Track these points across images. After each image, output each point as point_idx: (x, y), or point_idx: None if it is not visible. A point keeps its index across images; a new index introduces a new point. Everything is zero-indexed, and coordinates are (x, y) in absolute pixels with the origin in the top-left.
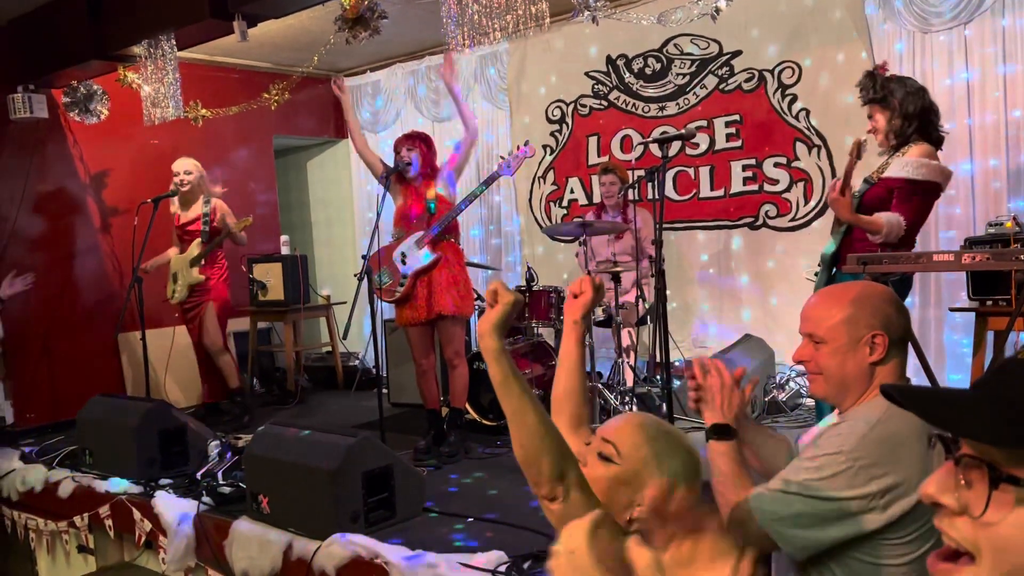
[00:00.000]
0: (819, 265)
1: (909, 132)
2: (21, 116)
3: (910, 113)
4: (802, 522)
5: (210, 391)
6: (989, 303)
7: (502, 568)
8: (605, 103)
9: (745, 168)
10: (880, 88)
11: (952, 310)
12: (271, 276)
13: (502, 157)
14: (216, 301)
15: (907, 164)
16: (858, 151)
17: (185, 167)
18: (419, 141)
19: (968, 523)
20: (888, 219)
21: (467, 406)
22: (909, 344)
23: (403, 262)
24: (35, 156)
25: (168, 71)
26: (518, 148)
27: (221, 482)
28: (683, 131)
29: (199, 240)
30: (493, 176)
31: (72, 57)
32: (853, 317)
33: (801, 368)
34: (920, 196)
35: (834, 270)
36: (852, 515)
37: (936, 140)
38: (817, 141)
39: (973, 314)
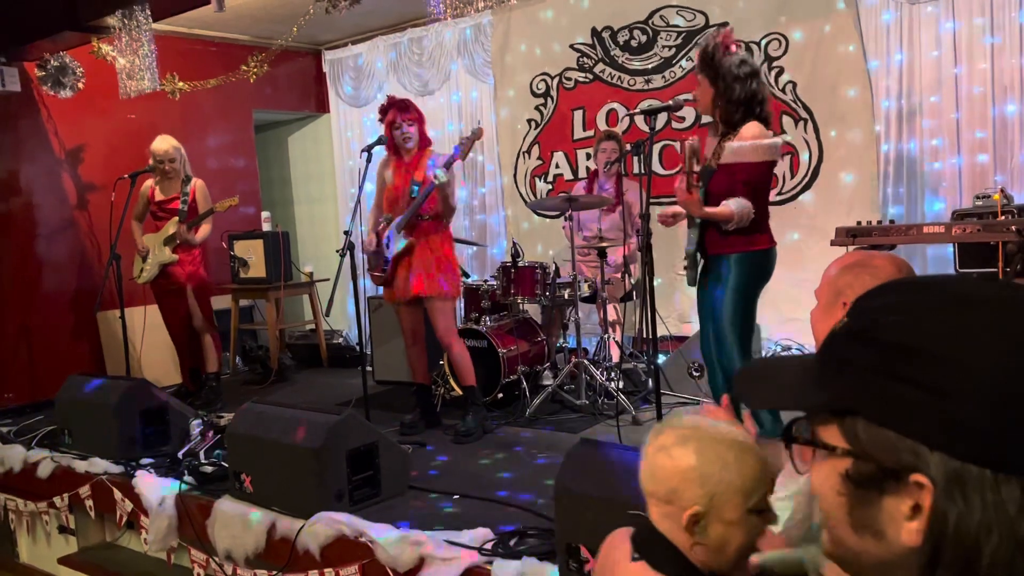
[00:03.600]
0: (684, 261)
1: (736, 118)
2: None
3: (735, 99)
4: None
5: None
6: (976, 275)
7: (488, 545)
8: (590, 76)
9: None
10: (712, 64)
11: None
12: (253, 253)
13: (461, 139)
14: (192, 282)
15: (743, 148)
16: (694, 156)
17: (168, 154)
18: (414, 112)
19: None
20: (737, 207)
21: (452, 383)
22: None
23: (388, 246)
24: (7, 131)
25: (143, 43)
26: (464, 137)
27: (203, 461)
28: (670, 102)
29: (175, 219)
30: (450, 161)
31: (44, 28)
32: (835, 280)
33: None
34: (760, 175)
35: (701, 261)
36: None
37: (764, 119)
38: (804, 114)
39: None
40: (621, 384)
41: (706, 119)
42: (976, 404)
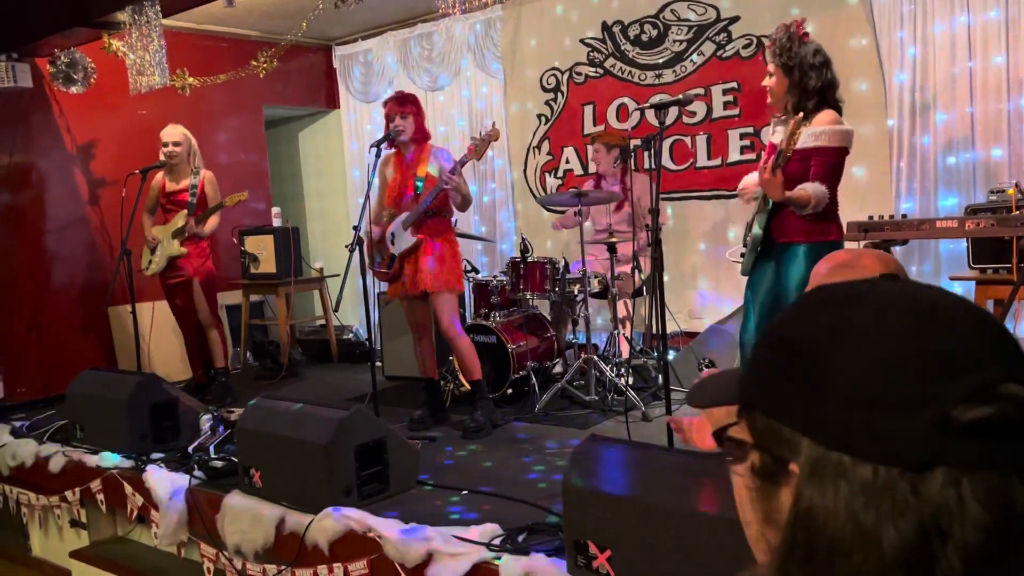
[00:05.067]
0: (744, 246)
1: (810, 106)
2: (5, 86)
3: (812, 88)
4: None
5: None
6: (990, 272)
7: (497, 541)
8: (601, 71)
9: (743, 137)
10: (789, 54)
11: (952, 279)
12: (263, 248)
13: (473, 138)
14: (199, 275)
15: (820, 133)
16: (793, 137)
17: (173, 137)
18: (411, 105)
19: None
20: (815, 191)
21: (462, 378)
22: None
23: (392, 243)
24: (20, 127)
25: (153, 38)
26: (474, 139)
27: (213, 456)
28: (680, 97)
29: (184, 212)
30: (461, 162)
31: (55, 24)
32: (825, 280)
33: None
34: (836, 161)
35: (758, 250)
36: None
37: (838, 107)
38: None
39: (973, 284)
40: (631, 380)
41: (719, 113)
42: (835, 398)
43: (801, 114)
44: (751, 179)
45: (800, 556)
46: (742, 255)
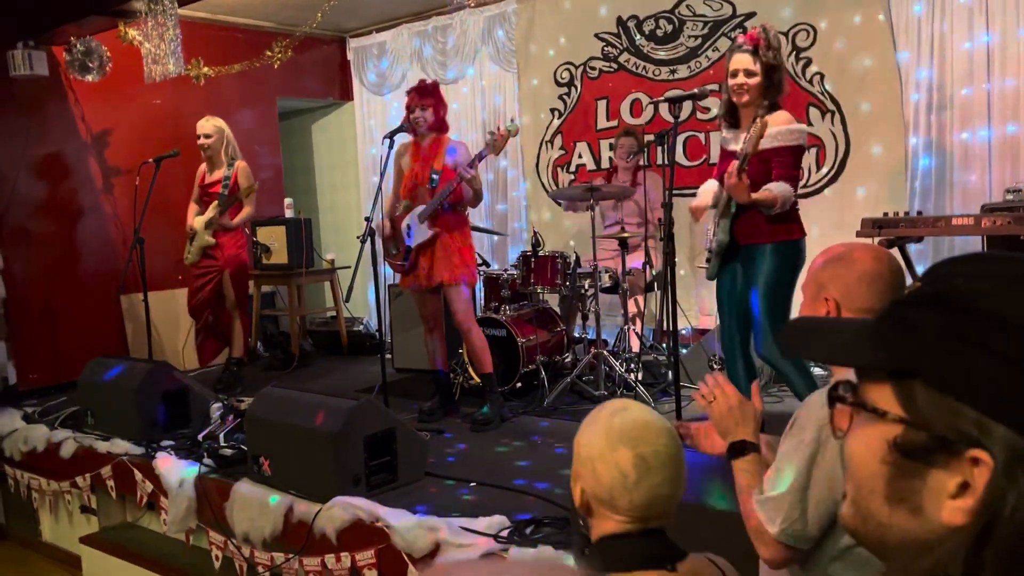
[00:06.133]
0: (708, 252)
1: (771, 105)
2: (21, 73)
3: (777, 82)
4: (809, 516)
5: (211, 353)
6: None
7: (504, 533)
8: (615, 65)
9: None
10: (777, 54)
11: None
12: (275, 239)
13: (490, 133)
14: (230, 266)
15: (778, 133)
16: (757, 140)
17: (205, 130)
18: (431, 97)
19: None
20: (780, 190)
21: (471, 371)
22: None
23: (407, 235)
24: (36, 115)
25: (169, 27)
26: (497, 131)
27: (222, 444)
28: (695, 91)
29: (216, 204)
30: (479, 157)
31: (71, 12)
32: (818, 275)
33: None
34: (795, 160)
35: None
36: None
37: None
38: (831, 106)
39: None
40: (640, 376)
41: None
42: None
43: (761, 115)
44: (704, 197)
45: (1007, 556)
46: (707, 260)
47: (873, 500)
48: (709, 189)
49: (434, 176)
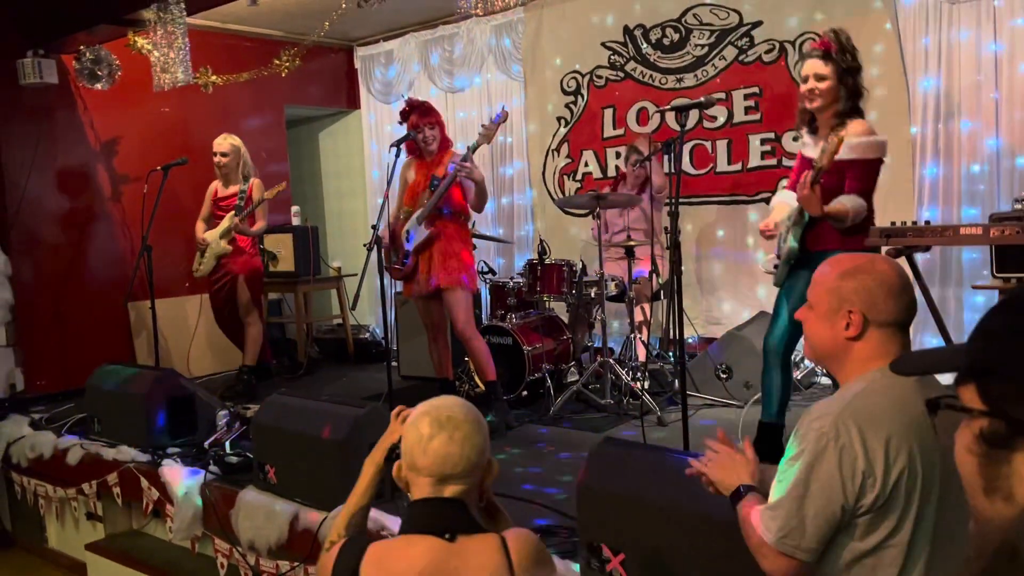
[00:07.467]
0: (776, 257)
1: (849, 110)
2: (31, 81)
3: (853, 86)
4: (807, 525)
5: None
6: (1014, 281)
7: None
8: (621, 74)
9: (763, 142)
10: (852, 58)
11: (975, 287)
12: (282, 247)
13: (483, 126)
14: (245, 271)
15: (855, 145)
16: (833, 151)
17: (222, 148)
18: (434, 115)
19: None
20: (852, 204)
21: (477, 379)
22: (909, 331)
23: (408, 240)
24: (45, 123)
25: (178, 36)
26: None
27: (228, 452)
28: (702, 99)
29: (232, 214)
30: (474, 147)
31: (81, 21)
32: (838, 288)
33: None
34: (871, 173)
35: (792, 262)
36: (845, 496)
37: (863, 114)
38: None
39: (996, 292)
40: (647, 384)
41: (740, 118)
42: None
43: (840, 126)
44: (776, 214)
45: None
46: (775, 266)
47: (977, 497)
48: (782, 203)
49: (435, 181)
